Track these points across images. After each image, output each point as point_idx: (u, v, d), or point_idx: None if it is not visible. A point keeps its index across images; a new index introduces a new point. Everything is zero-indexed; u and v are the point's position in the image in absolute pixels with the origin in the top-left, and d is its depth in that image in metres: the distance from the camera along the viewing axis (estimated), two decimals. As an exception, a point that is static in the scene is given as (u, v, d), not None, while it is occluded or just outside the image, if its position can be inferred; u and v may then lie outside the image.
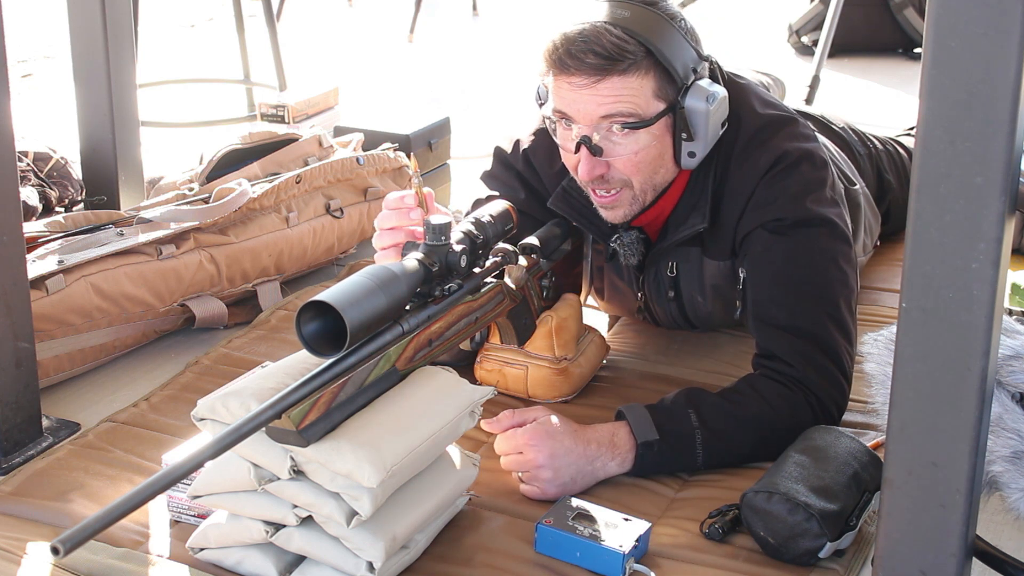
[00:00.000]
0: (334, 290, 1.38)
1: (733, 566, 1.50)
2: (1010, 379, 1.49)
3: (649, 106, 1.67)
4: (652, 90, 1.67)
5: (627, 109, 1.66)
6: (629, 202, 1.75)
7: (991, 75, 1.01)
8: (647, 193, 1.76)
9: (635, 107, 1.66)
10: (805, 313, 1.72)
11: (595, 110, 1.66)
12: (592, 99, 1.66)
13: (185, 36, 4.79)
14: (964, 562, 1.18)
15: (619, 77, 1.64)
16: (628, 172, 1.72)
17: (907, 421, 1.14)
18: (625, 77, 1.64)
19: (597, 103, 1.66)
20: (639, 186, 1.74)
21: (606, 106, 1.66)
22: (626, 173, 1.72)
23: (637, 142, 1.69)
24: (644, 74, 1.65)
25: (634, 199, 1.75)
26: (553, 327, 1.85)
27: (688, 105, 1.69)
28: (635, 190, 1.74)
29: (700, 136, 1.71)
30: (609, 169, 1.71)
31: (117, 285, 2.05)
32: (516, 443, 1.62)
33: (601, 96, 1.65)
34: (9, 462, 1.75)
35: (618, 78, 1.64)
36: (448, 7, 5.26)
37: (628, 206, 1.76)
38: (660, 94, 1.68)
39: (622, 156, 1.70)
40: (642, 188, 1.74)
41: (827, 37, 3.61)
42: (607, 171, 1.71)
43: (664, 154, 1.73)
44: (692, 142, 1.71)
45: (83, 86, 2.48)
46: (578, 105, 1.67)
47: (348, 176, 2.50)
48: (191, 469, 1.25)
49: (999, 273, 1.07)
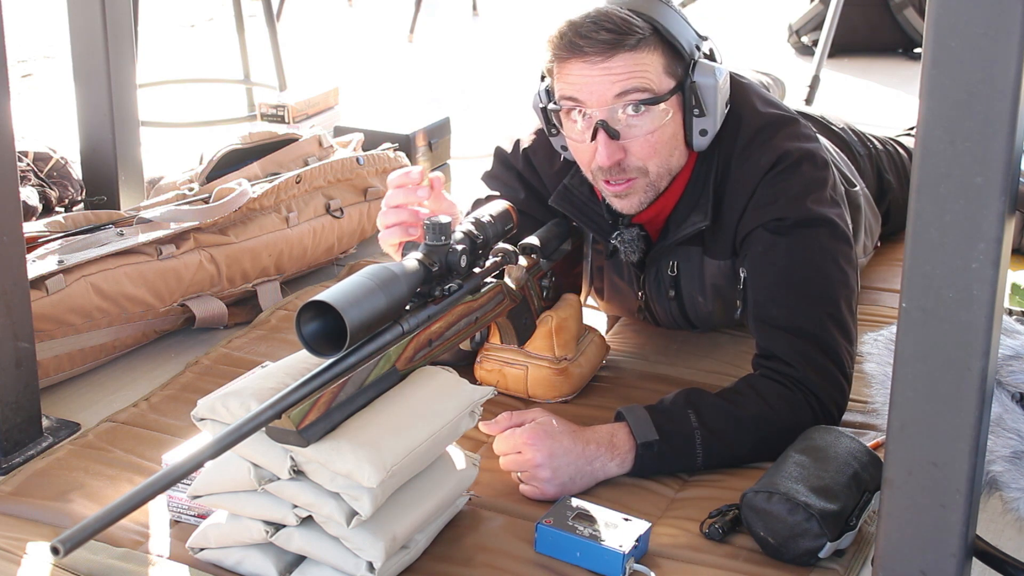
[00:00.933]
0: (334, 290, 1.38)
1: (733, 566, 1.50)
2: (1010, 379, 1.49)
3: (661, 82, 1.68)
4: (662, 66, 1.68)
5: (640, 84, 1.66)
6: (643, 189, 1.75)
7: (991, 75, 1.01)
8: (662, 179, 1.76)
9: (648, 82, 1.67)
10: (806, 313, 1.72)
11: (609, 89, 1.66)
12: (605, 78, 1.66)
13: (185, 36, 4.79)
14: (964, 562, 1.18)
15: (630, 53, 1.65)
16: (645, 156, 1.71)
17: (907, 421, 1.14)
18: (636, 53, 1.65)
19: (611, 81, 1.66)
20: (655, 171, 1.74)
21: (620, 83, 1.66)
22: (643, 158, 1.72)
23: (652, 121, 1.69)
24: (653, 50, 1.67)
25: (649, 186, 1.75)
26: (553, 327, 1.85)
27: (698, 80, 1.70)
28: (651, 176, 1.74)
29: (711, 111, 1.72)
30: (626, 155, 1.71)
31: (117, 285, 2.05)
32: (514, 443, 1.62)
33: (614, 74, 1.66)
34: (9, 462, 1.75)
35: (629, 53, 1.65)
36: (448, 7, 5.26)
37: (643, 193, 1.76)
38: (669, 70, 1.69)
39: (638, 138, 1.70)
40: (658, 173, 1.74)
41: (827, 37, 3.61)
42: (625, 157, 1.71)
43: (677, 134, 1.73)
44: (703, 118, 1.72)
45: (83, 86, 2.48)
46: (591, 87, 1.67)
47: (348, 176, 2.50)
48: (191, 469, 1.25)
49: (999, 273, 1.07)
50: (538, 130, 1.91)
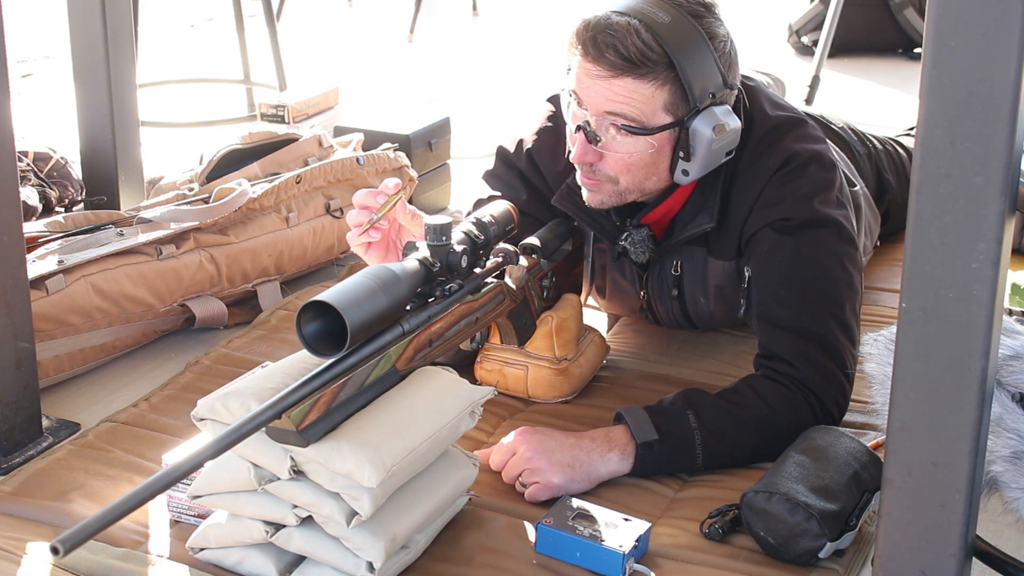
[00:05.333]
0: (335, 290, 1.38)
1: (733, 566, 1.50)
2: (1010, 379, 1.49)
3: (654, 117, 1.67)
4: (663, 103, 1.66)
5: (630, 113, 1.66)
6: (609, 193, 1.75)
7: (991, 75, 1.01)
8: (632, 193, 1.76)
9: (639, 113, 1.66)
10: (810, 313, 1.72)
11: (602, 103, 1.66)
12: (602, 92, 1.66)
13: (185, 36, 4.79)
14: (964, 562, 1.18)
15: (634, 80, 1.64)
16: (617, 170, 1.72)
17: (907, 421, 1.14)
18: (640, 82, 1.64)
19: (605, 97, 1.66)
20: (625, 185, 1.74)
21: (612, 103, 1.66)
22: (614, 171, 1.72)
23: (633, 146, 1.69)
24: (660, 85, 1.65)
25: (615, 193, 1.75)
26: (553, 327, 1.85)
27: (694, 127, 1.67)
28: (620, 187, 1.74)
29: (697, 159, 1.69)
30: (600, 160, 1.71)
31: (117, 285, 2.05)
32: (507, 448, 1.64)
33: (611, 92, 1.65)
34: (9, 462, 1.75)
35: (632, 81, 1.64)
36: (448, 7, 5.26)
37: (607, 196, 1.76)
38: (670, 108, 1.67)
39: (615, 154, 1.70)
40: (627, 188, 1.74)
41: (827, 37, 3.61)
42: (598, 161, 1.71)
43: (659, 164, 1.72)
44: (688, 163, 1.70)
45: (83, 86, 2.48)
46: (589, 92, 1.68)
47: (348, 176, 2.50)
48: (191, 469, 1.25)
49: (999, 273, 1.07)
50: (541, 129, 1.91)
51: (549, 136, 1.89)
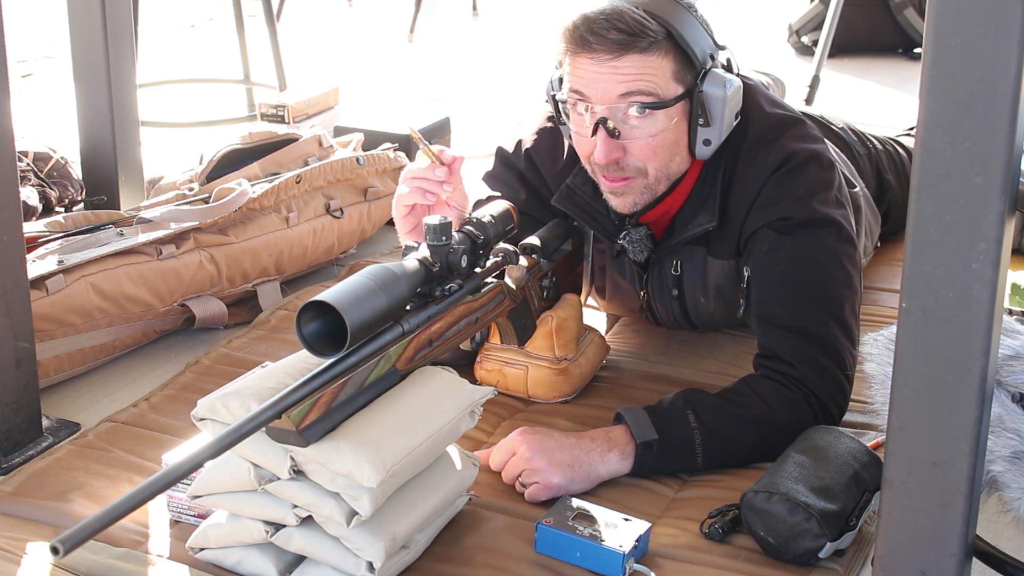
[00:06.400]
0: (335, 290, 1.38)
1: (733, 566, 1.50)
2: (1010, 379, 1.49)
3: (668, 87, 1.67)
4: (671, 72, 1.67)
5: (646, 87, 1.66)
6: (640, 190, 1.74)
7: (991, 75, 1.01)
8: (660, 183, 1.75)
9: (654, 86, 1.66)
10: (809, 313, 1.72)
11: (614, 88, 1.66)
12: (612, 76, 1.65)
13: (185, 36, 4.79)
14: (964, 562, 1.18)
15: (639, 55, 1.64)
16: (644, 158, 1.71)
17: (907, 421, 1.14)
18: (645, 55, 1.64)
19: (617, 80, 1.65)
20: (654, 174, 1.73)
21: (625, 83, 1.65)
22: (642, 159, 1.71)
23: (655, 125, 1.68)
24: (664, 54, 1.66)
25: (646, 187, 1.74)
26: (553, 327, 1.85)
27: (706, 90, 1.69)
28: (649, 179, 1.73)
29: (716, 122, 1.70)
30: (625, 155, 1.70)
31: (117, 285, 2.05)
32: (507, 449, 1.64)
33: (621, 74, 1.65)
34: (9, 462, 1.75)
35: (638, 56, 1.64)
36: (448, 7, 5.26)
37: (639, 194, 1.75)
38: (679, 77, 1.68)
39: (639, 140, 1.69)
40: (656, 176, 1.74)
41: (827, 37, 3.61)
42: (623, 156, 1.71)
43: (680, 140, 1.72)
44: (708, 128, 1.71)
45: (83, 86, 2.48)
46: (597, 83, 1.67)
47: (348, 176, 2.50)
48: (191, 469, 1.25)
49: (999, 273, 1.07)
50: (540, 130, 1.91)
51: (548, 136, 1.89)
